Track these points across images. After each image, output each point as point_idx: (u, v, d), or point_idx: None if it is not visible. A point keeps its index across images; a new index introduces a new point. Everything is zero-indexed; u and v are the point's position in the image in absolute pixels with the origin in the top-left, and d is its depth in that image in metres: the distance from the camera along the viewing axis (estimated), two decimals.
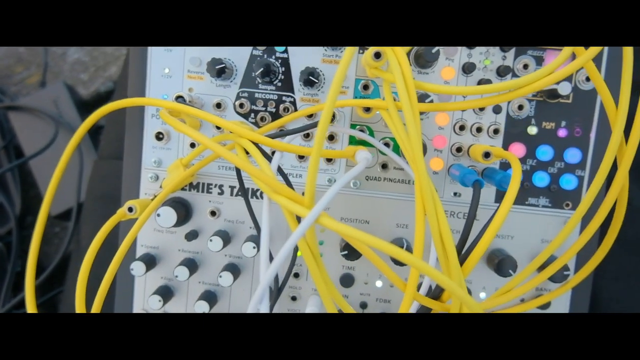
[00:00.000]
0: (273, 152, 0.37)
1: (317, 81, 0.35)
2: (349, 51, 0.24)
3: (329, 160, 0.37)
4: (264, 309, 0.24)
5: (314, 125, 0.30)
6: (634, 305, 0.45)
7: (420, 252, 0.28)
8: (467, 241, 0.29)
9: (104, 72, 0.69)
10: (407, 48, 0.32)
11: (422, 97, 0.35)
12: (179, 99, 0.34)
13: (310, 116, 0.36)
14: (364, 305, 0.39)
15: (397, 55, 0.28)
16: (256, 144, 0.29)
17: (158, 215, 0.35)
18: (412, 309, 0.30)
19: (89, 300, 0.32)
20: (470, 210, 0.29)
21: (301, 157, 0.37)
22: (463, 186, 0.33)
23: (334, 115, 0.33)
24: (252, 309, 0.23)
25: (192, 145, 0.37)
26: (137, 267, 0.36)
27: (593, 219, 0.30)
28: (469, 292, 0.38)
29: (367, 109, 0.34)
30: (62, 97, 0.60)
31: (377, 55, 0.30)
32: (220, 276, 0.36)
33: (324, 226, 0.24)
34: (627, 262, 0.45)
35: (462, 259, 0.28)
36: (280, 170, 0.33)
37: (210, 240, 0.36)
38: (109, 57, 0.70)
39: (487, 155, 0.34)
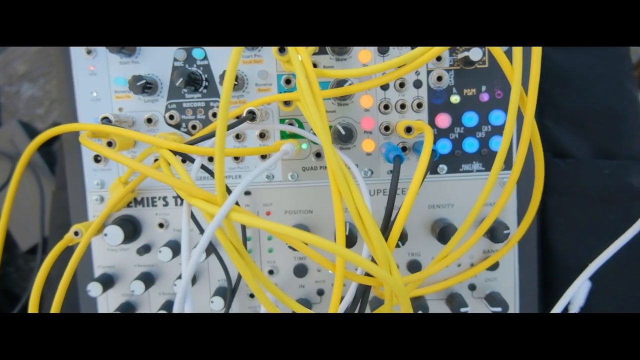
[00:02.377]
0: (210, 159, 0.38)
1: (237, 83, 0.36)
2: (236, 51, 0.25)
3: (263, 157, 0.38)
4: (188, 308, 0.25)
5: (212, 135, 0.31)
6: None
7: (343, 236, 0.28)
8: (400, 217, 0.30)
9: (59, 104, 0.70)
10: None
11: (341, 83, 0.36)
12: (104, 120, 0.34)
13: (238, 117, 0.37)
14: (321, 292, 0.40)
15: (296, 48, 0.29)
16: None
17: (105, 234, 0.36)
18: (352, 288, 0.31)
19: None
20: (391, 185, 0.30)
21: (236, 159, 0.38)
22: (390, 163, 0.34)
23: (254, 114, 0.33)
24: (177, 309, 0.24)
25: None
26: (94, 288, 0.37)
27: (512, 170, 0.30)
28: (419, 264, 0.39)
29: (287, 103, 0.35)
30: (18, 135, 0.60)
31: (282, 50, 0.31)
32: (175, 284, 0.37)
33: (234, 221, 0.25)
34: (577, 214, 0.46)
35: (388, 234, 0.29)
36: (207, 170, 0.34)
37: (160, 252, 0.37)
38: None
39: (408, 130, 0.35)
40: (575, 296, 0.45)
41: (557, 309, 0.33)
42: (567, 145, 0.47)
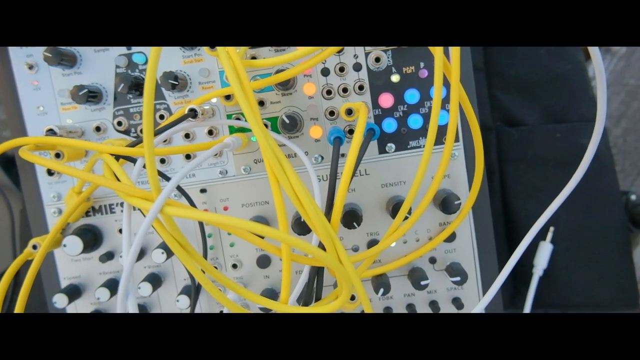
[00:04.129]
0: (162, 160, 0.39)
1: (177, 83, 0.36)
2: (154, 51, 0.25)
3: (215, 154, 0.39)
4: (132, 308, 0.25)
5: (139, 141, 0.31)
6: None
7: (285, 221, 0.29)
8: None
9: None
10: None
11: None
12: (49, 132, 0.35)
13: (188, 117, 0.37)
14: None
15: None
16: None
17: (64, 245, 0.37)
18: (305, 271, 0.32)
19: None
20: (331, 166, 0.31)
21: (188, 157, 0.39)
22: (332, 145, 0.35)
23: (195, 111, 0.34)
24: (120, 308, 0.25)
25: None
26: (60, 300, 0.38)
27: (446, 140, 0.31)
28: (377, 243, 0.39)
29: (228, 97, 0.35)
30: None
31: (212, 46, 0.32)
32: (139, 287, 0.38)
33: (169, 214, 0.25)
34: (534, 179, 0.48)
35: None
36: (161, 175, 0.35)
37: (121, 257, 0.37)
38: None
39: (349, 112, 0.36)
40: (538, 259, 0.46)
41: (511, 263, 0.34)
42: (518, 113, 0.48)
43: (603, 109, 0.28)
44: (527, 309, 0.43)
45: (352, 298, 0.39)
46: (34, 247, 0.36)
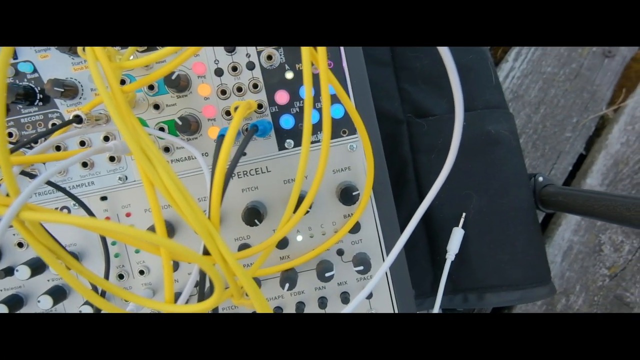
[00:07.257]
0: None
1: (63, 90, 0.36)
2: (4, 52, 0.25)
3: (112, 159, 0.38)
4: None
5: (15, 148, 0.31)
6: (462, 202, 0.49)
7: (161, 222, 0.29)
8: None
9: None
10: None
11: (172, 76, 0.36)
12: None
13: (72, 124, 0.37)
14: (196, 283, 0.40)
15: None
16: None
17: None
18: (195, 270, 0.32)
19: None
20: (212, 164, 0.31)
21: (85, 166, 0.38)
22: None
23: (80, 118, 0.34)
24: None
25: None
26: None
27: (323, 129, 0.32)
28: (286, 239, 0.40)
29: None
30: None
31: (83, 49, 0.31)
32: (39, 301, 0.37)
33: (29, 219, 0.25)
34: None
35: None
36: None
37: (17, 271, 0.36)
38: None
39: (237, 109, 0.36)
40: (450, 245, 0.47)
41: (402, 241, 0.34)
42: (427, 105, 0.50)
43: (460, 102, 0.29)
44: (439, 293, 0.44)
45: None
46: None
